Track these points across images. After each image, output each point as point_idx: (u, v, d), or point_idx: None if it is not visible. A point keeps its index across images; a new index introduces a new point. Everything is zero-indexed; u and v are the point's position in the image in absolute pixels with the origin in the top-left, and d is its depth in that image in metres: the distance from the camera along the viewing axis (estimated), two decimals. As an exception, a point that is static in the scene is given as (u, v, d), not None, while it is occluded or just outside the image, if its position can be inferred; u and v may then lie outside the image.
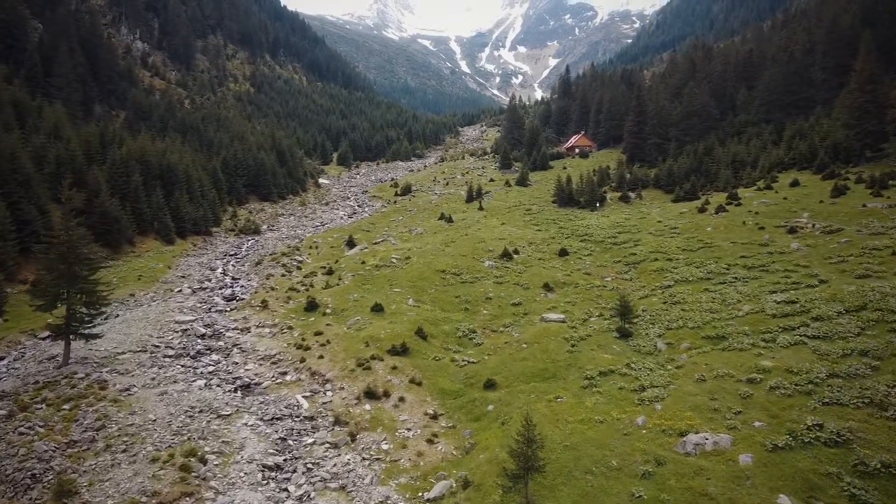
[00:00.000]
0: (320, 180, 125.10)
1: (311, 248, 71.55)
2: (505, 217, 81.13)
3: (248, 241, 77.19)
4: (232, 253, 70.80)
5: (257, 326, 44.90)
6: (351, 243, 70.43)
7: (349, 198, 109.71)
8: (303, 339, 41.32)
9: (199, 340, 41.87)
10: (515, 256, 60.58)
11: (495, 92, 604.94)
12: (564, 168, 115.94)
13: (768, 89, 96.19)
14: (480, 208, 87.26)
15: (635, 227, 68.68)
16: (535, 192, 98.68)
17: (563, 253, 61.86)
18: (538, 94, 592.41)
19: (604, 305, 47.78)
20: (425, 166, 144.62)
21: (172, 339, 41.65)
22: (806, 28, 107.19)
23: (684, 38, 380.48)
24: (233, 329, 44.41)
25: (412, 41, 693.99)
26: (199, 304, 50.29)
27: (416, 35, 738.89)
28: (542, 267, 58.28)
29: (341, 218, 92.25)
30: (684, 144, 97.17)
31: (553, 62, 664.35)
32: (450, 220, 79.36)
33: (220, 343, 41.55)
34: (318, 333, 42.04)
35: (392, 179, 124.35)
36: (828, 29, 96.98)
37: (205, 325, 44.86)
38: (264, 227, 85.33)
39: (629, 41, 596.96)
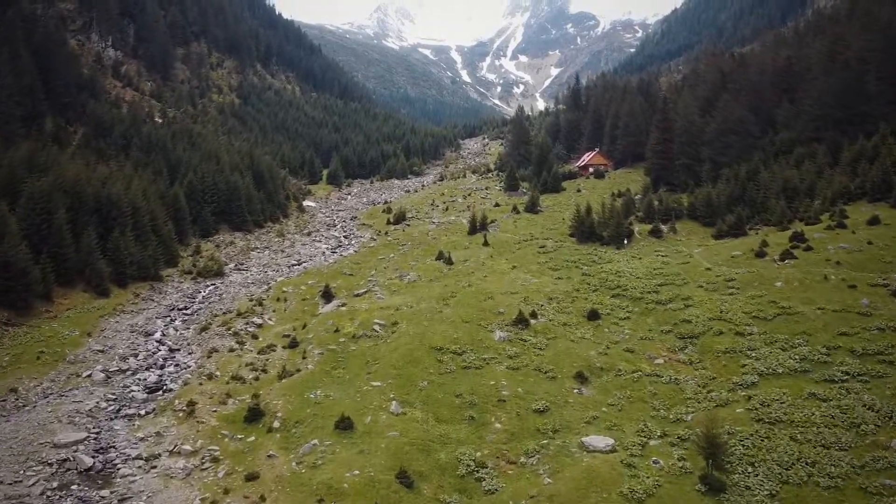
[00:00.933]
0: (305, 203, 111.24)
1: (278, 300, 57.47)
2: (516, 256, 67.13)
3: (207, 287, 63.25)
4: (182, 307, 56.84)
5: (171, 453, 30.81)
6: (327, 295, 56.32)
7: (335, 225, 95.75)
8: (226, 491, 27.18)
9: (74, 487, 27.85)
10: (533, 322, 46.50)
11: (496, 101, 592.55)
12: (579, 191, 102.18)
13: (818, 103, 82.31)
14: (485, 243, 73.29)
15: (679, 277, 54.58)
16: (547, 222, 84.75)
17: (593, 316, 47.85)
18: (540, 104, 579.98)
19: (665, 414, 33.74)
20: (423, 186, 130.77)
21: (35, 484, 27.63)
22: (858, 31, 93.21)
23: (691, 47, 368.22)
24: (134, 458, 30.35)
25: (412, 50, 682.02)
26: (104, 404, 36.29)
27: (417, 44, 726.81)
28: (570, 339, 44.23)
29: (323, 253, 78.20)
30: (720, 167, 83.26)
31: (555, 71, 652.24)
32: (449, 262, 65.34)
33: (105, 493, 27.46)
34: (252, 478, 27.90)
35: (385, 202, 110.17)
36: (884, 32, 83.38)
37: (95, 452, 30.82)
38: (230, 265, 71.40)
39: (632, 50, 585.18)
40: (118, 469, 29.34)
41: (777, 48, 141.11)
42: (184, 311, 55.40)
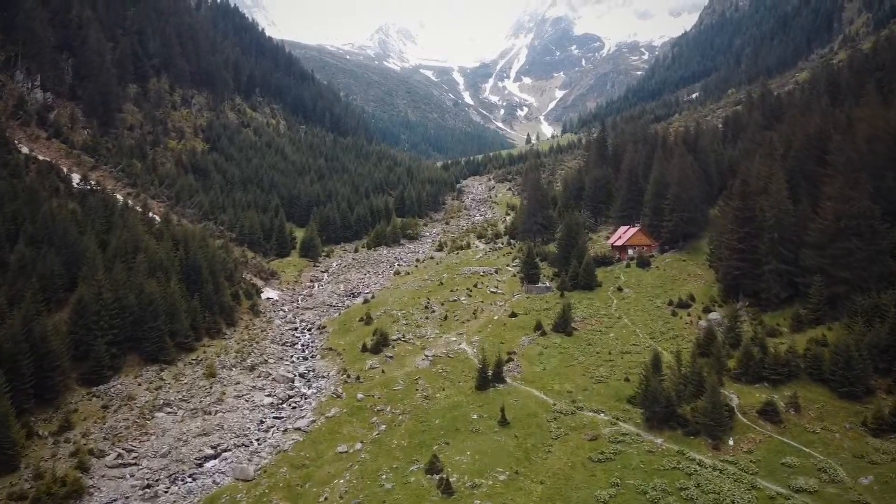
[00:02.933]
0: (265, 295, 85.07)
1: None
2: (553, 467, 40.95)
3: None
4: None
5: None
6: None
7: (294, 343, 69.32)
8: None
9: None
10: None
11: (500, 125, 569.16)
12: (620, 289, 76.08)
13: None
14: (503, 420, 47.04)
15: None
16: (589, 359, 58.40)
17: None
18: (545, 127, 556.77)
19: None
20: (417, 261, 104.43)
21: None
22: None
23: (707, 73, 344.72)
24: None
25: (414, 71, 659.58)
26: None
27: (419, 65, 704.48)
28: None
29: (259, 423, 51.90)
30: (838, 282, 57.24)
31: (559, 94, 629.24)
32: (448, 490, 38.93)
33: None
34: None
35: (366, 299, 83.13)
36: None
37: None
38: (108, 458, 45.32)
39: (639, 73, 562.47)
40: None
41: (815, 83, 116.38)
42: None
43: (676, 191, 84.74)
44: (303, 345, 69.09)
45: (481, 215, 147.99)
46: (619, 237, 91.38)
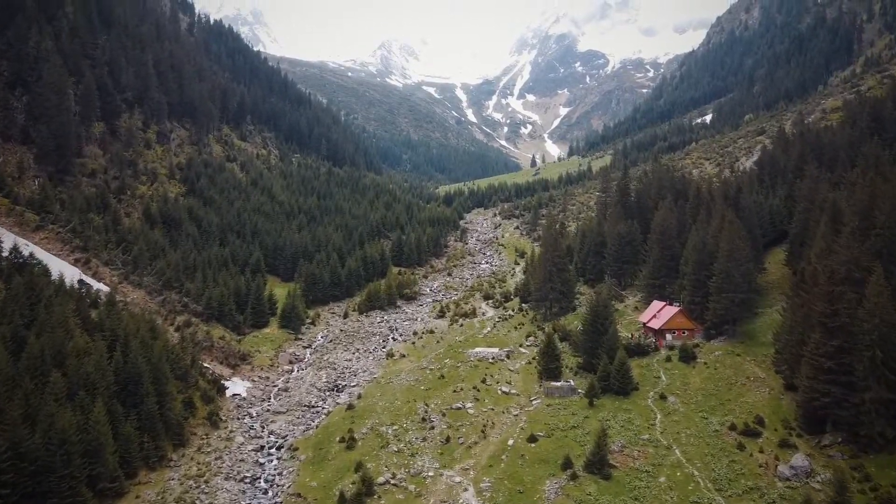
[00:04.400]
0: (230, 391, 69.72)
1: None
2: None
3: None
4: None
5: None
6: None
7: (246, 486, 53.52)
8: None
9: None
10: None
11: (503, 143, 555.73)
12: (663, 397, 60.81)
13: None
14: None
15: None
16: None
17: None
18: (549, 146, 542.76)
19: None
20: (415, 334, 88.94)
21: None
22: None
23: (718, 95, 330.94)
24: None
25: (416, 88, 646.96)
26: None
27: (421, 82, 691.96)
28: None
29: None
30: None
31: (563, 111, 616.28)
32: None
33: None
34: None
35: (350, 406, 66.60)
36: None
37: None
38: None
39: (645, 90, 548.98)
40: None
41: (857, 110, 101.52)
42: None
43: (726, 267, 69.50)
44: (266, 480, 53.65)
45: (487, 262, 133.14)
46: (654, 316, 76.10)
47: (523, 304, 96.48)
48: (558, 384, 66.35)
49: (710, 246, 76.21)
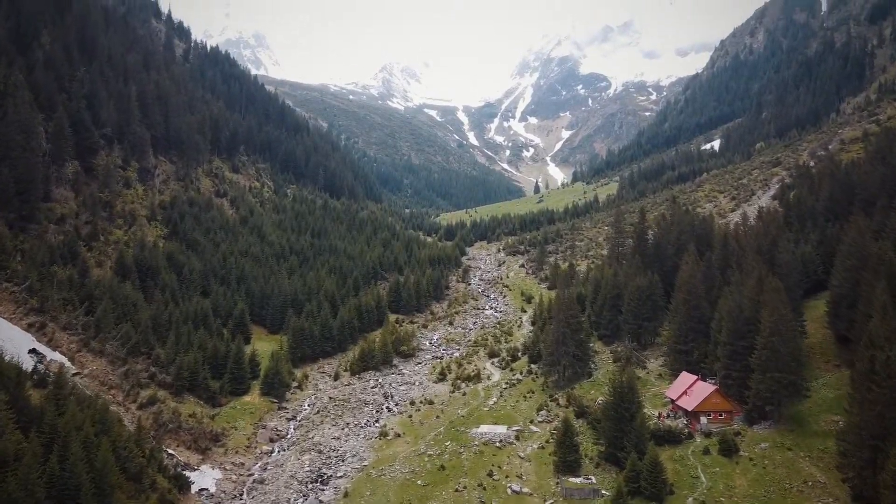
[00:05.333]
0: (198, 483, 59.75)
1: None
2: None
3: None
4: None
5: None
6: None
7: None
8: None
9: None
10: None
11: (505, 166, 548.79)
12: (704, 505, 50.89)
13: None
14: None
15: None
16: None
17: None
18: (552, 169, 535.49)
19: None
20: (412, 404, 78.93)
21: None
22: None
23: (724, 120, 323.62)
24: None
25: (418, 111, 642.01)
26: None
27: (423, 105, 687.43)
28: None
29: None
30: None
31: (566, 134, 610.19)
32: None
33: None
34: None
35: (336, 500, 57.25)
36: None
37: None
38: None
39: (648, 113, 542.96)
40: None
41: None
42: None
43: (770, 342, 59.74)
44: None
45: (492, 307, 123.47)
46: (685, 393, 66.19)
47: (532, 365, 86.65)
48: (578, 481, 56.43)
49: (747, 311, 66.60)
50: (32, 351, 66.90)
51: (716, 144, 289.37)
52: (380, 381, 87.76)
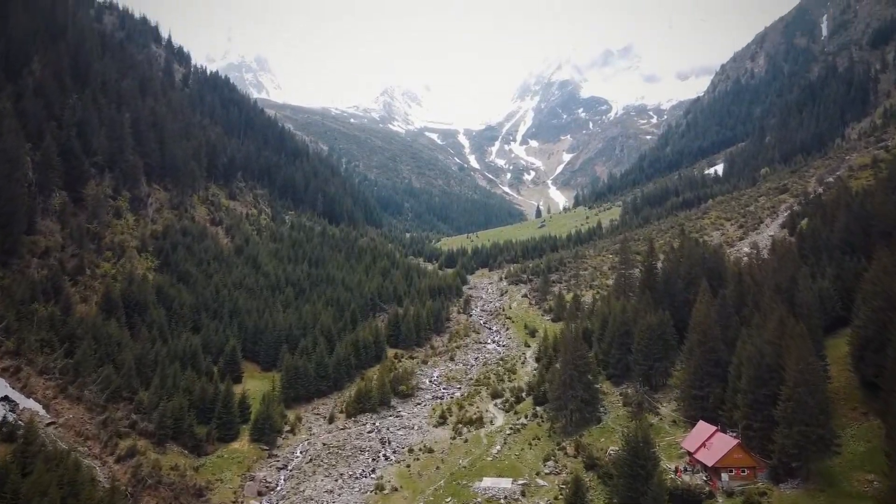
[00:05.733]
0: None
1: None
2: None
3: None
4: None
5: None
6: None
7: None
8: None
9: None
10: None
11: (506, 189, 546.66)
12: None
13: None
14: None
15: None
16: None
17: None
18: (553, 192, 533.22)
19: None
20: (410, 452, 74.19)
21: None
22: None
23: (727, 144, 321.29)
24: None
25: (419, 134, 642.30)
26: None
27: (424, 128, 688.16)
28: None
29: None
30: None
31: (567, 157, 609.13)
32: None
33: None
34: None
35: None
36: None
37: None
38: None
39: (649, 137, 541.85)
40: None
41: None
42: None
43: (797, 394, 55.26)
44: None
45: (494, 341, 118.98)
46: (704, 446, 61.48)
47: (537, 408, 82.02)
48: (590, 548, 51.54)
49: (768, 357, 62.17)
50: (4, 399, 62.52)
51: (719, 169, 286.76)
52: (377, 424, 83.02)
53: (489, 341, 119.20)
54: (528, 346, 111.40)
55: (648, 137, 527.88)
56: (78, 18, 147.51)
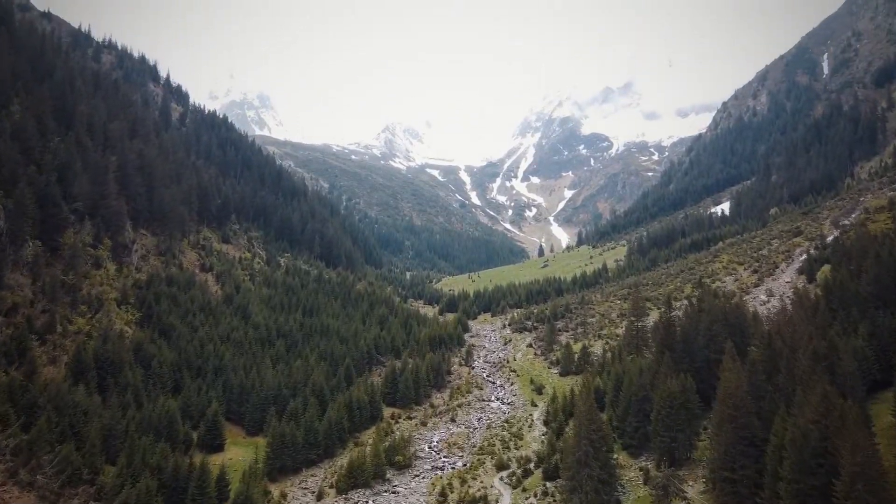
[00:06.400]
0: None
1: None
2: None
3: None
4: None
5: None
6: None
7: None
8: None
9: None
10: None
11: (508, 226, 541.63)
12: None
13: None
14: None
15: None
16: None
17: None
18: (556, 230, 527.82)
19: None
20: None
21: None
22: None
23: (731, 182, 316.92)
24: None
25: (420, 171, 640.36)
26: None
27: (425, 164, 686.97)
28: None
29: None
30: None
31: (568, 193, 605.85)
32: None
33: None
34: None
35: None
36: None
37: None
38: None
39: (650, 174, 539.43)
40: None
41: None
42: None
43: (856, 491, 47.38)
44: None
45: (498, 398, 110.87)
46: (743, 545, 53.23)
47: (547, 483, 73.79)
48: None
49: (814, 441, 54.32)
50: (-57, 487, 54.71)
51: (725, 207, 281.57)
52: (370, 502, 74.57)
53: (493, 398, 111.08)
54: (535, 406, 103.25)
55: (650, 174, 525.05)
56: (69, 58, 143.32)
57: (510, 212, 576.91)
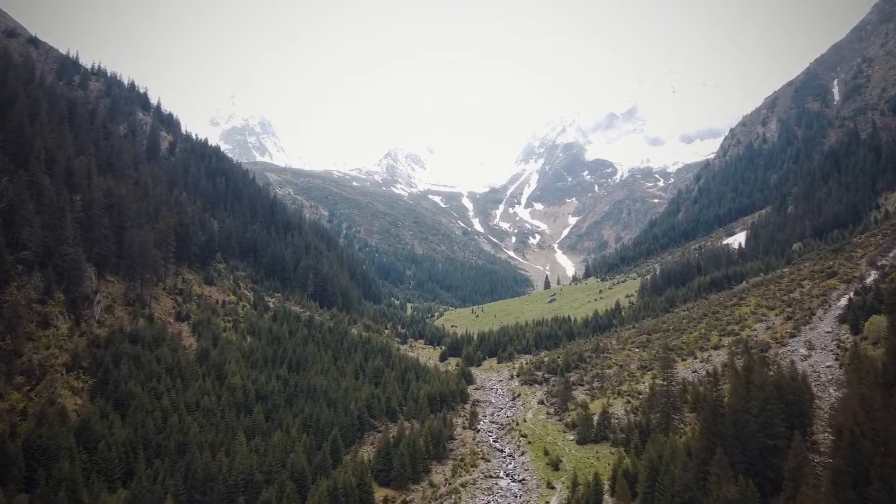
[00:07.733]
0: None
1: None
2: None
3: None
4: None
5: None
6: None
7: None
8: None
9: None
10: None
11: (511, 254, 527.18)
12: None
13: None
14: None
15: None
16: None
17: None
18: (559, 256, 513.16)
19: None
20: None
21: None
22: None
23: (743, 212, 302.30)
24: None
25: (422, 197, 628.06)
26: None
27: (427, 190, 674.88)
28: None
29: None
30: None
31: (572, 220, 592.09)
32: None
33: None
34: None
35: None
36: None
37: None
38: None
39: (656, 200, 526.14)
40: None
41: None
42: None
43: None
44: None
45: (508, 474, 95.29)
46: None
47: None
48: None
49: None
50: None
51: (740, 239, 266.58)
52: None
53: (502, 473, 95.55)
54: (552, 489, 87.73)
55: (656, 201, 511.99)
56: (36, 87, 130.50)
57: (514, 239, 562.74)
